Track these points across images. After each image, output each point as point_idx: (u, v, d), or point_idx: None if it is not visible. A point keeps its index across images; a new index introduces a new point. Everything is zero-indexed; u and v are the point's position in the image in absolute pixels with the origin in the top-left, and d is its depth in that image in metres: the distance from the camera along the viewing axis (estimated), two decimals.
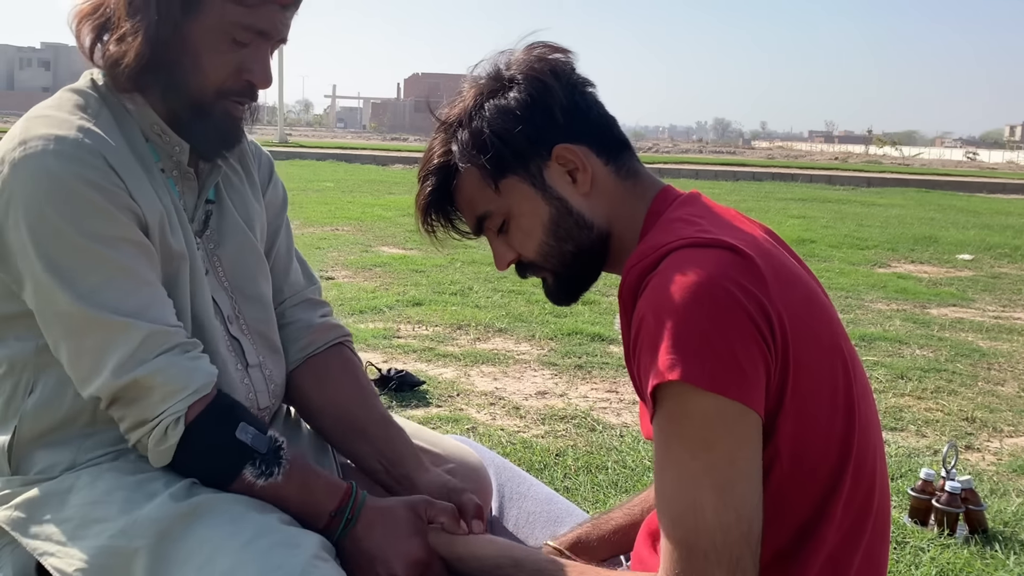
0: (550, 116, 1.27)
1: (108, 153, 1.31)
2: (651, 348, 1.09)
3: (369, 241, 8.64)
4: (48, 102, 1.40)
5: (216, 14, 1.33)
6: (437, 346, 4.81)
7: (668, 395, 1.09)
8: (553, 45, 1.32)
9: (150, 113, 1.40)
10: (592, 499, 2.92)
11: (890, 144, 58.87)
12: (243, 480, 1.31)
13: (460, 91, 1.33)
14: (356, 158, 23.00)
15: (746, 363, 1.08)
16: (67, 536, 1.29)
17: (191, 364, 1.31)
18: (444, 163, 1.31)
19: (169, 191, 1.41)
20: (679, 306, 1.08)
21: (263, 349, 1.54)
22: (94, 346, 1.28)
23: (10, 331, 1.37)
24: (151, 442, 1.29)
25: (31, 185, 1.27)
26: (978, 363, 4.97)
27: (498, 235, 1.33)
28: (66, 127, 1.31)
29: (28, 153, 1.28)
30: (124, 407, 1.29)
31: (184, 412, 1.29)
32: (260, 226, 1.60)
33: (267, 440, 1.34)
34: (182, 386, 1.29)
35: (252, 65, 1.39)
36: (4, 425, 1.40)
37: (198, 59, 1.36)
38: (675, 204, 1.29)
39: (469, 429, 3.57)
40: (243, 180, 1.59)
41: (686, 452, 1.09)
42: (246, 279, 1.54)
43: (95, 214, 1.28)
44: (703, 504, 1.07)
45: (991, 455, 3.60)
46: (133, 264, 1.30)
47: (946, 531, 2.79)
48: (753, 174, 22.27)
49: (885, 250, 9.49)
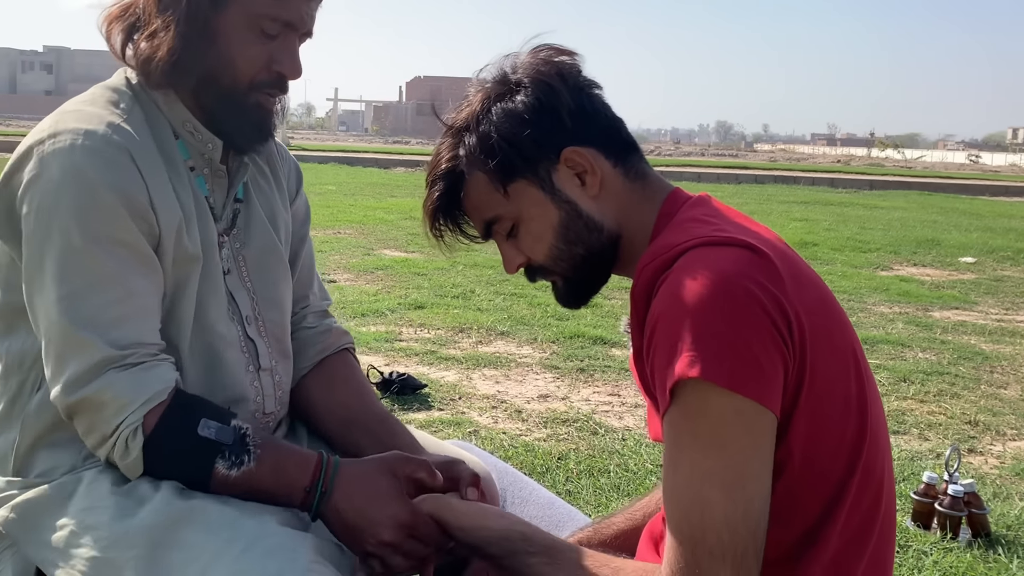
0: (558, 119, 1.26)
1: (135, 151, 1.32)
2: (668, 346, 1.09)
3: (371, 244, 8.64)
4: (81, 97, 1.41)
5: (244, 6, 1.35)
6: (439, 349, 4.81)
7: (686, 392, 1.08)
8: (559, 47, 1.32)
9: (182, 110, 1.41)
10: (594, 503, 2.92)
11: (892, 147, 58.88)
12: (218, 474, 1.30)
13: (466, 95, 1.32)
14: (358, 161, 23.02)
15: (765, 362, 1.07)
16: (63, 544, 1.28)
17: (141, 375, 1.30)
18: (452, 168, 1.30)
19: (195, 190, 1.42)
20: (697, 304, 1.08)
21: (276, 353, 1.54)
22: (56, 353, 1.28)
23: (22, 323, 1.37)
24: (116, 456, 1.29)
25: (53, 178, 1.28)
26: (981, 366, 4.96)
27: (507, 239, 1.32)
28: (96, 122, 1.32)
29: (57, 147, 1.29)
30: (82, 422, 1.29)
31: (140, 422, 1.28)
32: (285, 231, 1.61)
33: (231, 431, 1.32)
34: (132, 398, 1.28)
35: (282, 56, 1.40)
36: (8, 423, 1.40)
37: (228, 52, 1.37)
38: (686, 205, 1.28)
39: (471, 432, 3.56)
40: (271, 183, 1.60)
41: (698, 450, 1.08)
42: (268, 281, 1.54)
43: (106, 216, 1.29)
44: (712, 501, 1.07)
45: (994, 458, 3.59)
46: (125, 273, 1.30)
47: (949, 535, 2.78)
48: (755, 177, 22.28)
49: (887, 253, 9.48)
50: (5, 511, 1.35)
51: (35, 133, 1.34)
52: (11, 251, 1.35)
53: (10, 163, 1.34)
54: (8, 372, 1.40)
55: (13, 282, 1.36)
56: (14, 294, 1.37)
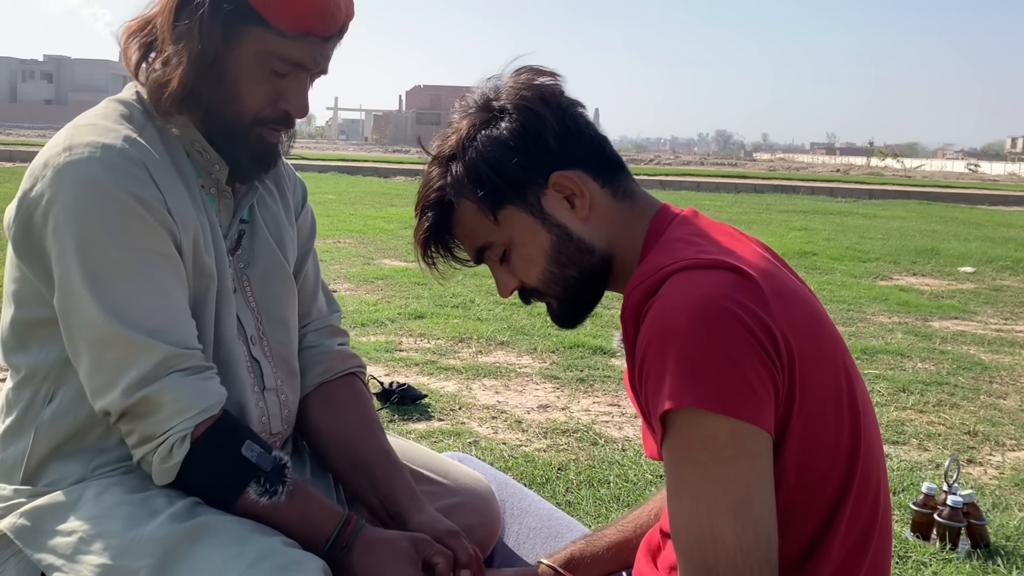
0: (544, 144, 1.26)
1: (151, 165, 1.32)
2: (658, 373, 1.09)
3: (371, 253, 8.65)
4: (94, 111, 1.41)
5: (256, 44, 1.34)
6: (439, 359, 4.81)
7: (679, 420, 1.09)
8: (540, 69, 1.32)
9: (192, 130, 1.41)
10: (594, 513, 2.92)
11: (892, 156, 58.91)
12: (247, 498, 1.31)
13: (451, 122, 1.32)
14: (358, 170, 23.03)
15: (755, 382, 1.08)
16: (72, 550, 1.29)
17: (201, 384, 1.32)
18: (440, 197, 1.30)
19: (207, 208, 1.42)
20: (684, 329, 1.08)
21: (282, 373, 1.55)
22: (113, 361, 1.28)
23: (35, 338, 1.38)
24: (156, 459, 1.29)
25: (74, 191, 1.28)
26: (980, 376, 4.96)
27: (500, 264, 1.33)
28: (111, 136, 1.32)
29: (73, 159, 1.29)
30: (132, 422, 1.29)
31: (191, 430, 1.29)
32: (291, 249, 1.61)
33: (272, 459, 1.34)
34: (190, 405, 1.29)
35: (289, 95, 1.40)
36: (20, 433, 1.40)
37: (236, 87, 1.37)
38: (674, 224, 1.28)
39: (471, 443, 3.56)
40: (277, 201, 1.60)
41: (700, 476, 1.08)
42: (273, 301, 1.54)
43: (135, 225, 1.29)
44: (721, 527, 1.07)
45: (993, 469, 3.59)
46: (164, 280, 1.31)
47: (948, 545, 2.78)
48: (755, 186, 22.29)
49: (887, 262, 9.49)
50: (14, 518, 1.35)
51: (50, 147, 1.33)
52: (25, 267, 1.35)
53: (26, 178, 1.34)
54: (22, 384, 1.40)
55: (25, 298, 1.37)
56: (26, 310, 1.37)
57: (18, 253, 1.35)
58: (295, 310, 1.60)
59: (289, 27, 1.34)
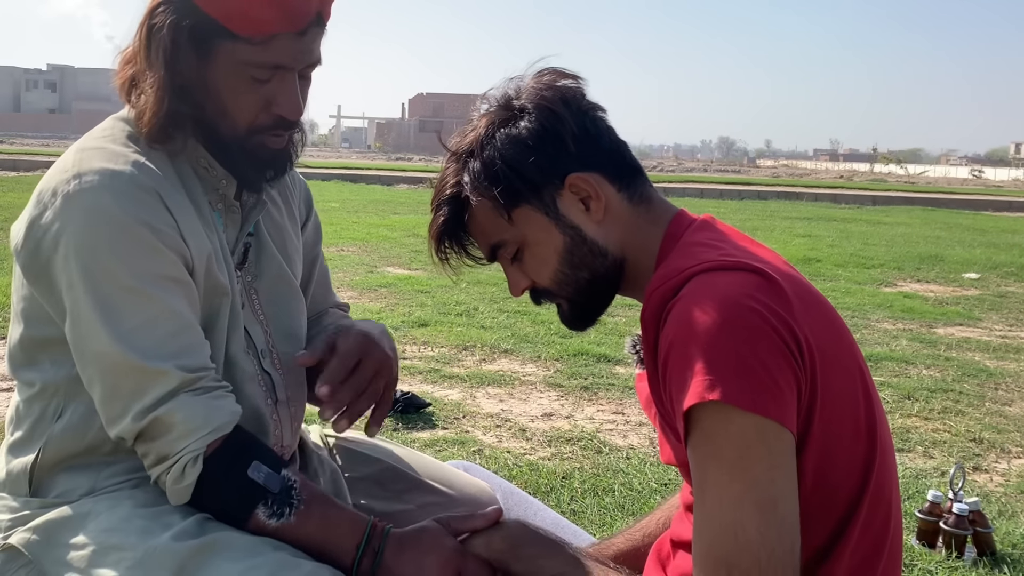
0: (562, 145, 1.27)
1: (162, 190, 1.32)
2: (683, 371, 1.09)
3: (374, 261, 8.66)
4: (100, 131, 1.40)
5: (228, 56, 1.33)
6: (443, 367, 4.81)
7: (705, 416, 1.08)
8: (562, 71, 1.32)
9: (197, 148, 1.40)
10: (599, 522, 2.91)
11: (895, 162, 58.94)
12: (256, 520, 1.30)
13: (470, 119, 1.33)
14: (361, 178, 23.07)
15: (781, 382, 1.08)
16: (85, 563, 1.28)
17: (212, 403, 1.31)
18: (456, 193, 1.31)
19: (215, 226, 1.42)
20: (710, 328, 1.08)
21: (292, 385, 1.54)
22: (128, 391, 1.28)
23: (46, 355, 1.38)
24: (169, 480, 1.29)
25: (84, 220, 1.27)
26: (985, 383, 4.95)
27: (512, 263, 1.33)
28: (120, 162, 1.31)
29: (83, 188, 1.29)
30: (147, 443, 1.29)
31: (203, 450, 1.28)
32: (298, 260, 1.61)
33: (280, 480, 1.32)
34: (201, 424, 1.28)
35: (278, 98, 1.37)
36: (29, 446, 1.40)
37: (222, 102, 1.36)
38: (692, 228, 1.29)
39: (475, 452, 3.56)
40: (282, 213, 1.59)
41: (725, 473, 1.08)
42: (282, 314, 1.54)
43: (146, 253, 1.28)
44: (745, 524, 1.06)
45: (999, 476, 3.58)
46: (177, 306, 1.31)
47: (954, 553, 2.77)
48: (758, 193, 22.29)
49: (891, 269, 9.48)
50: (27, 532, 1.35)
51: (58, 173, 1.33)
52: (35, 291, 1.35)
53: (34, 203, 1.33)
54: (32, 399, 1.40)
55: (34, 316, 1.37)
56: (35, 328, 1.37)
57: (28, 278, 1.35)
58: (303, 321, 1.60)
59: (255, 33, 1.31)
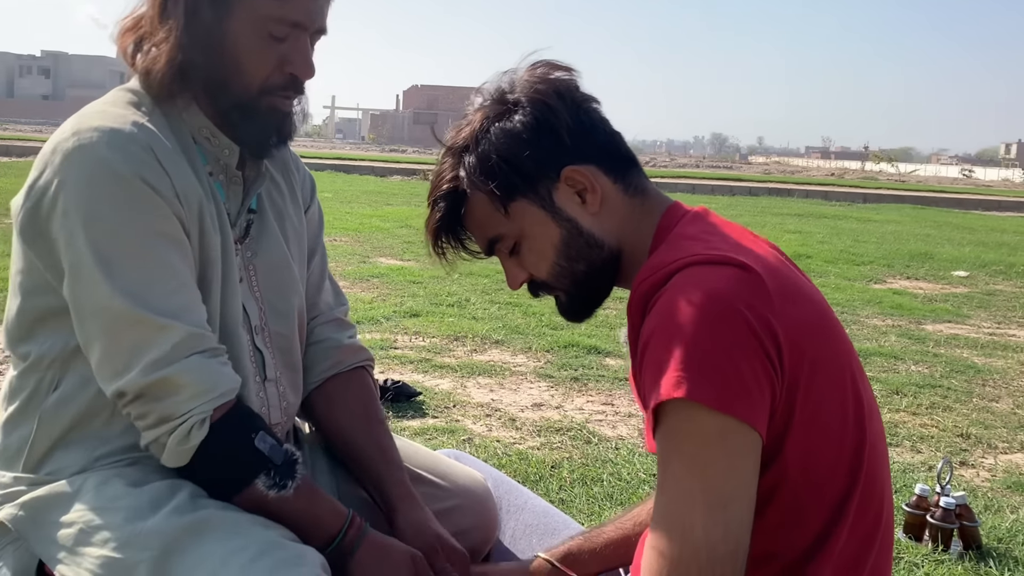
0: (557, 138, 1.27)
1: (158, 149, 1.31)
2: (657, 365, 1.10)
3: (367, 252, 8.65)
4: (102, 99, 1.41)
5: (249, 10, 1.33)
6: (434, 357, 4.81)
7: (672, 412, 1.09)
8: (556, 63, 1.32)
9: (199, 116, 1.40)
10: (587, 511, 2.93)
11: (886, 160, 59.04)
12: (254, 490, 1.31)
13: (465, 114, 1.33)
14: (354, 169, 23.00)
15: (751, 381, 1.08)
16: (73, 542, 1.28)
17: (220, 368, 1.31)
18: (453, 188, 1.31)
19: (215, 194, 1.41)
20: (686, 324, 1.08)
21: (281, 365, 1.54)
22: (131, 343, 1.27)
23: (42, 327, 1.37)
24: (172, 440, 1.28)
25: (83, 175, 1.27)
26: (973, 379, 4.98)
27: (510, 256, 1.33)
28: (119, 121, 1.32)
29: (81, 143, 1.29)
30: (149, 403, 1.27)
31: (210, 413, 1.28)
32: (298, 242, 1.60)
33: (283, 452, 1.33)
34: (210, 387, 1.28)
35: (293, 57, 1.38)
36: (24, 420, 1.39)
37: (237, 58, 1.36)
38: (684, 220, 1.29)
39: (465, 440, 3.57)
40: (284, 195, 1.59)
41: (684, 469, 1.09)
42: (277, 292, 1.54)
43: (145, 208, 1.28)
44: (693, 521, 1.07)
45: (986, 471, 3.61)
46: (176, 263, 1.31)
47: (940, 547, 2.79)
48: (750, 189, 22.32)
49: (881, 266, 9.51)
50: (14, 508, 1.35)
51: (58, 134, 1.33)
52: (32, 254, 1.34)
53: (35, 166, 1.33)
54: (26, 372, 1.40)
55: (32, 288, 1.36)
56: (33, 299, 1.36)
57: (25, 240, 1.34)
58: (299, 303, 1.59)
59: None
